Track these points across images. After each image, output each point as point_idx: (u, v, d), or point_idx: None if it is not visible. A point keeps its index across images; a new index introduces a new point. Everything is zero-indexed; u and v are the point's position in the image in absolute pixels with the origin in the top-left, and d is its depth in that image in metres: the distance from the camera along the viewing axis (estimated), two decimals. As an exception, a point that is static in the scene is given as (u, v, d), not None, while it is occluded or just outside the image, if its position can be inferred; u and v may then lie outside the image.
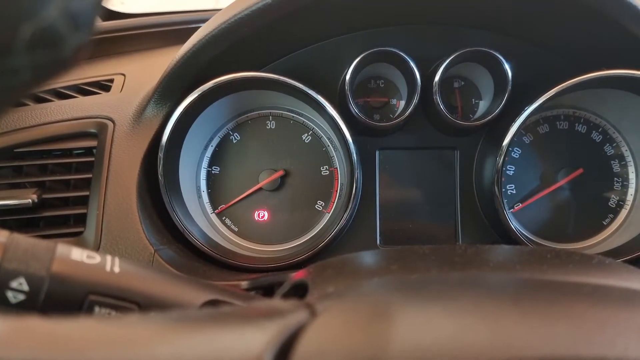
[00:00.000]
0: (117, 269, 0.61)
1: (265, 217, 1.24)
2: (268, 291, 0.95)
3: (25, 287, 0.55)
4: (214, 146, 1.25)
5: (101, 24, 1.59)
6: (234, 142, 1.25)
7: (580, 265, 0.65)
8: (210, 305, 0.63)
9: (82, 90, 1.23)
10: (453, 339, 0.35)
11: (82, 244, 1.00)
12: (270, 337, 0.39)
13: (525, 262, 0.68)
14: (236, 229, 1.24)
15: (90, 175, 1.06)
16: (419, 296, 0.43)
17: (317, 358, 0.37)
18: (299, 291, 0.70)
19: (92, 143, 1.10)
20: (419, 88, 1.13)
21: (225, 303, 0.64)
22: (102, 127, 1.10)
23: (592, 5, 1.00)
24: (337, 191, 1.24)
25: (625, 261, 1.10)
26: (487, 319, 0.37)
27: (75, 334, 0.38)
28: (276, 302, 0.49)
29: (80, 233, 1.02)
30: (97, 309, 0.58)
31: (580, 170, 1.22)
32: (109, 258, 0.62)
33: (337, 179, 1.25)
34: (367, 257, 0.78)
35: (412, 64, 1.12)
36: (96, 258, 0.61)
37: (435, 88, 1.13)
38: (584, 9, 1.02)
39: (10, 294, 0.54)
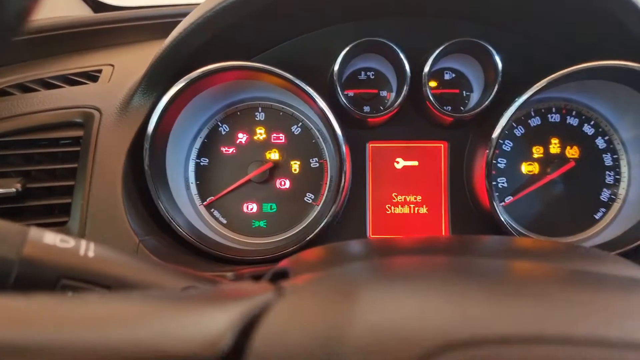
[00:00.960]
0: (91, 254, 0.60)
1: (254, 210, 1.23)
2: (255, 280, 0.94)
3: (-6, 270, 0.54)
4: (202, 137, 1.24)
5: (91, 16, 1.58)
6: (223, 133, 1.24)
7: (563, 253, 0.65)
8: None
9: (70, 80, 1.22)
10: (415, 318, 0.34)
11: (66, 234, 0.99)
12: (232, 317, 0.38)
13: (508, 249, 0.68)
14: (225, 221, 1.23)
15: (75, 165, 1.05)
16: (387, 277, 0.42)
17: (278, 337, 0.36)
18: (281, 278, 0.69)
19: (79, 133, 1.09)
20: (408, 79, 1.12)
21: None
22: (89, 117, 1.09)
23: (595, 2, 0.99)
24: (326, 184, 1.23)
25: (616, 255, 1.09)
26: (453, 298, 0.36)
27: (29, 311, 0.37)
28: (245, 284, 0.48)
29: (65, 223, 1.01)
30: (69, 293, 0.57)
31: (572, 164, 1.21)
32: (83, 242, 0.61)
33: (327, 172, 1.24)
34: (352, 245, 0.77)
35: (402, 55, 1.11)
36: (70, 242, 0.60)
37: (425, 79, 1.12)
38: (577, 1, 1.01)
39: (-22, 276, 0.53)
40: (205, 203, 1.22)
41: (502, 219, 1.12)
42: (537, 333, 0.32)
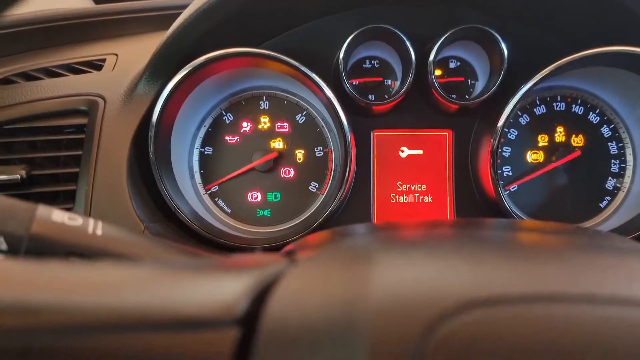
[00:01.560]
0: (99, 232, 0.60)
1: (258, 199, 1.23)
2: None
3: (4, 246, 0.54)
4: (207, 126, 1.23)
5: (93, 7, 1.58)
6: (227, 122, 1.24)
7: (574, 232, 0.64)
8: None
9: (74, 69, 1.21)
10: (434, 278, 0.34)
11: (71, 220, 0.99)
12: (248, 283, 0.38)
13: (518, 228, 0.67)
14: (229, 210, 1.23)
15: (80, 152, 1.05)
16: (401, 243, 0.42)
17: (294, 302, 0.36)
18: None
19: (83, 120, 1.08)
20: (413, 67, 1.12)
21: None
22: (93, 105, 1.09)
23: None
24: (331, 173, 1.23)
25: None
26: (471, 258, 0.35)
27: (46, 273, 0.36)
28: (258, 254, 0.48)
29: (70, 209, 1.00)
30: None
31: (577, 152, 1.21)
32: (91, 221, 0.61)
33: (332, 160, 1.23)
34: (359, 227, 0.77)
35: (407, 43, 1.11)
36: (78, 220, 0.60)
37: (430, 67, 1.12)
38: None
39: (-12, 252, 0.53)
40: (207, 186, 1.22)
41: (508, 207, 1.11)
42: (559, 291, 0.31)
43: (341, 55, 1.11)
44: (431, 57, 1.11)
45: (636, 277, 0.34)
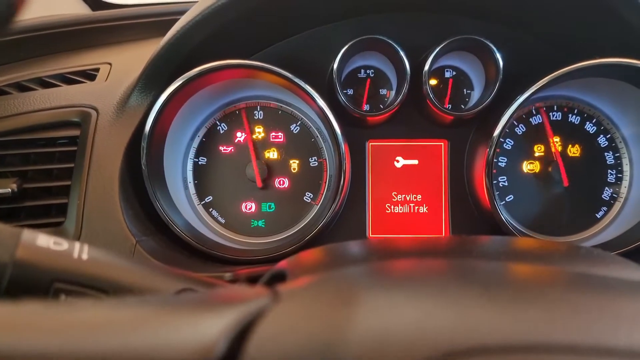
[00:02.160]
0: (85, 256, 0.59)
1: (253, 209, 1.22)
2: (252, 284, 0.93)
3: (-13, 274, 0.53)
4: (201, 136, 1.23)
5: (89, 14, 1.57)
6: (222, 132, 1.23)
7: (564, 255, 0.64)
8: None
9: (67, 79, 1.21)
10: (417, 324, 0.33)
11: (63, 234, 0.98)
12: (226, 323, 0.37)
13: (509, 251, 0.66)
14: (223, 221, 1.22)
15: (72, 165, 1.04)
16: (386, 281, 0.41)
17: (272, 344, 0.35)
18: (279, 280, 0.68)
19: (75, 132, 1.07)
20: (408, 77, 1.11)
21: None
22: (86, 116, 1.08)
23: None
24: (325, 183, 1.22)
25: (618, 254, 1.08)
26: (454, 304, 0.35)
27: (20, 318, 0.36)
28: (241, 288, 0.47)
29: (61, 223, 1.00)
30: (62, 296, 0.56)
31: (573, 162, 1.20)
32: (77, 245, 0.60)
33: (326, 171, 1.22)
34: (351, 246, 0.76)
35: (402, 53, 1.10)
36: (63, 244, 0.59)
37: (425, 77, 1.11)
38: (588, 2, 1.00)
39: (-28, 280, 0.52)
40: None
41: (503, 218, 1.11)
42: (542, 341, 0.31)
43: (335, 66, 1.10)
44: (426, 67, 1.11)
45: (622, 323, 0.33)
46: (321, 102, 1.08)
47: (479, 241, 0.67)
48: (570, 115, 1.23)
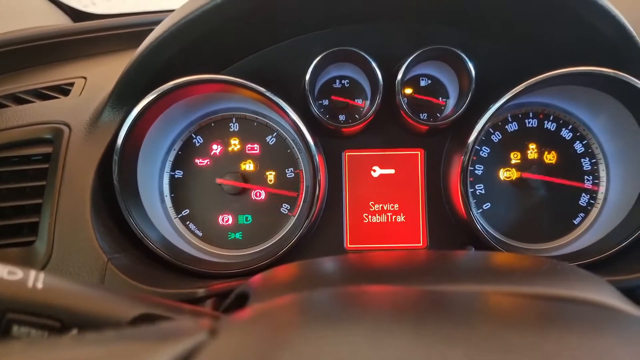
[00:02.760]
0: (39, 285, 0.59)
1: (230, 221, 1.22)
2: (226, 297, 0.93)
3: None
4: (176, 150, 1.22)
5: (67, 26, 1.56)
6: (197, 145, 1.23)
7: (534, 276, 0.64)
8: (141, 320, 0.61)
9: (41, 94, 1.20)
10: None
11: (33, 254, 0.98)
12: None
13: (470, 271, 0.67)
14: (200, 234, 1.22)
15: (44, 183, 1.03)
16: (324, 319, 0.41)
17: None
18: (242, 301, 0.68)
19: (48, 149, 1.07)
20: (381, 88, 1.11)
21: (157, 317, 0.62)
22: (58, 133, 1.08)
23: (563, 4, 0.97)
24: (302, 194, 1.22)
25: (595, 261, 1.08)
26: (381, 345, 0.35)
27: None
28: (180, 322, 0.47)
29: (32, 242, 1.00)
30: (15, 327, 0.56)
31: (550, 169, 1.20)
32: (32, 273, 0.60)
33: (303, 182, 1.22)
34: (318, 266, 0.76)
35: (374, 64, 1.10)
36: (18, 274, 0.59)
37: (398, 88, 1.11)
38: (554, 7, 0.99)
39: None
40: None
41: (479, 227, 1.10)
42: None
43: (307, 78, 1.10)
44: (398, 78, 1.10)
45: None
46: (294, 115, 1.08)
47: (442, 263, 0.67)
48: (546, 121, 1.23)
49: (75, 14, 1.81)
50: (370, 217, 1.23)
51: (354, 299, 0.46)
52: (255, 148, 1.22)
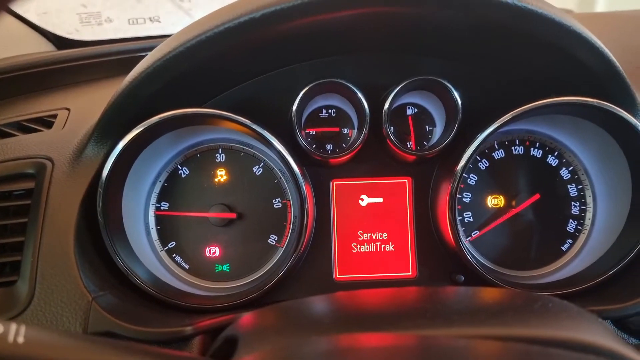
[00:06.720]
0: (20, 339, 0.57)
1: (217, 254, 1.20)
2: (214, 335, 0.92)
3: None
4: (162, 181, 1.21)
5: (51, 54, 1.55)
6: (183, 176, 1.21)
7: (517, 313, 0.64)
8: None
9: (24, 127, 1.19)
10: None
11: (15, 294, 0.95)
12: None
13: (464, 311, 0.66)
14: (187, 267, 1.20)
15: (26, 220, 1.01)
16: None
17: None
18: (230, 347, 0.67)
19: (30, 185, 1.05)
20: (368, 118, 1.11)
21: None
22: (40, 168, 1.06)
23: (546, 36, 0.98)
24: (290, 224, 1.21)
25: (585, 289, 1.08)
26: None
27: None
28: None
29: (14, 282, 0.97)
30: (-5, 386, 0.54)
31: (537, 196, 1.20)
32: (13, 327, 0.58)
33: (290, 212, 1.21)
34: (307, 308, 0.76)
35: (360, 95, 1.10)
36: (-3, 328, 0.57)
37: (385, 117, 1.11)
38: (536, 39, 1.00)
39: None
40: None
41: (468, 256, 1.10)
42: None
43: (294, 109, 1.10)
44: (385, 107, 1.10)
45: None
46: (279, 146, 1.07)
47: (429, 303, 0.66)
48: (532, 148, 1.23)
49: (59, 41, 1.79)
50: (359, 246, 1.22)
51: (346, 356, 0.45)
52: (242, 179, 1.21)
